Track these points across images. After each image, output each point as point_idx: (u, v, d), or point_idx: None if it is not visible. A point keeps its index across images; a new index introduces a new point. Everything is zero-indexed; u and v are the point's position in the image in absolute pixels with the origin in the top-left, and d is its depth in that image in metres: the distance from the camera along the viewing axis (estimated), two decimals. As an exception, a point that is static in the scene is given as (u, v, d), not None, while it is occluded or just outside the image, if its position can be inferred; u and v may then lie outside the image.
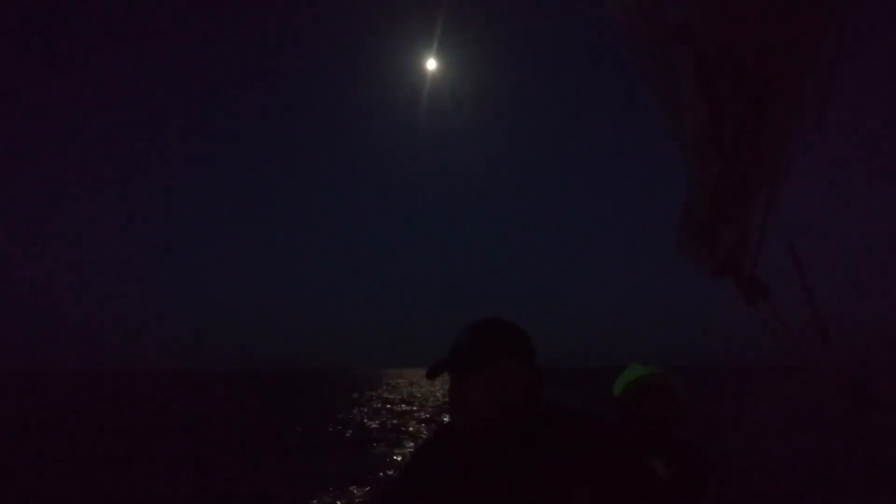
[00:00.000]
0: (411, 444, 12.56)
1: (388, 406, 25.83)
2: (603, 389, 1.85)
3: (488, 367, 1.00)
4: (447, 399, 1.05)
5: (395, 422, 17.64)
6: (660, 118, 1.14)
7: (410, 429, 16.01)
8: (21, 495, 7.91)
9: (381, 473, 9.12)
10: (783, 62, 0.98)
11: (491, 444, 0.99)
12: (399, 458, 10.79)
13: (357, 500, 7.55)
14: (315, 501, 7.43)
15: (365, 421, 17.92)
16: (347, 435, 14.88)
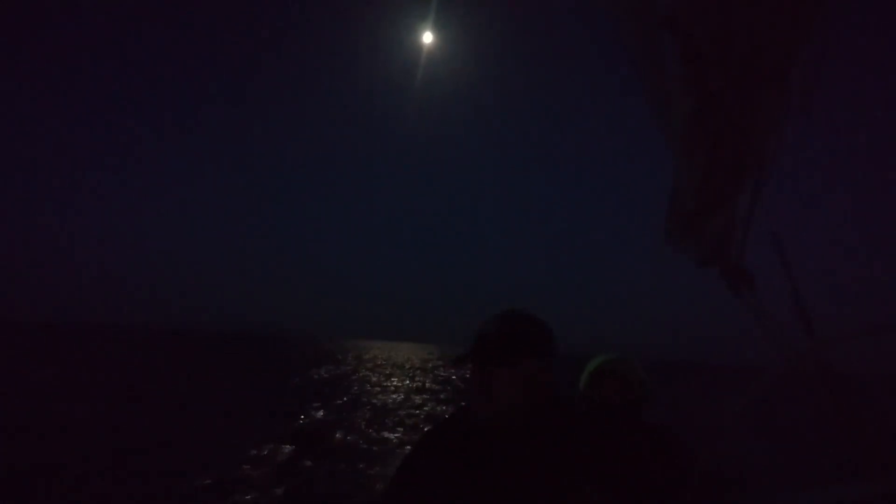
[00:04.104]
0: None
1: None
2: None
3: (513, 363, 1.01)
4: (468, 385, 1.07)
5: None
6: (648, 107, 1.14)
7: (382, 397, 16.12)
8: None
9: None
10: (770, 52, 0.98)
11: (507, 435, 1.01)
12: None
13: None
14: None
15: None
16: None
